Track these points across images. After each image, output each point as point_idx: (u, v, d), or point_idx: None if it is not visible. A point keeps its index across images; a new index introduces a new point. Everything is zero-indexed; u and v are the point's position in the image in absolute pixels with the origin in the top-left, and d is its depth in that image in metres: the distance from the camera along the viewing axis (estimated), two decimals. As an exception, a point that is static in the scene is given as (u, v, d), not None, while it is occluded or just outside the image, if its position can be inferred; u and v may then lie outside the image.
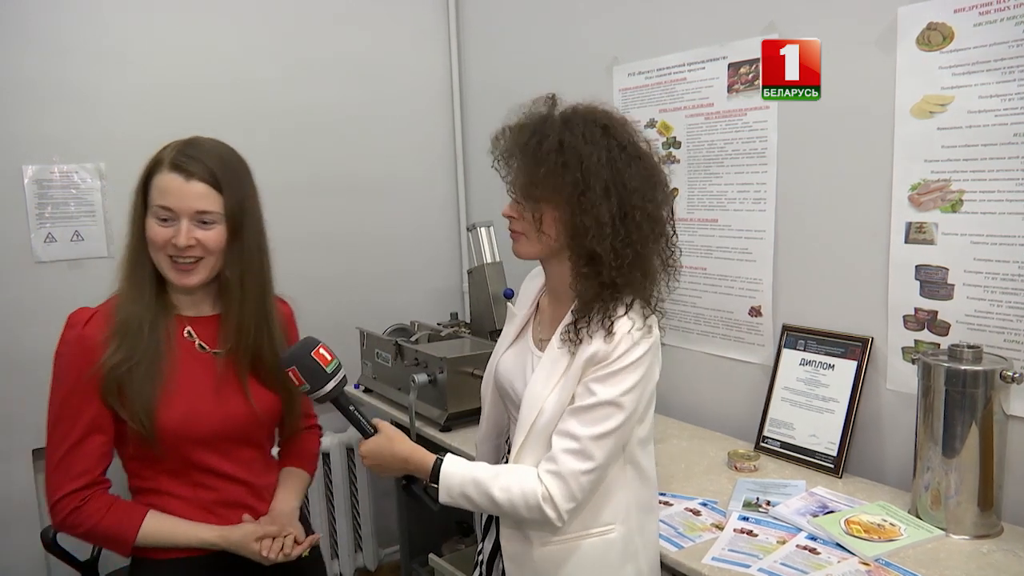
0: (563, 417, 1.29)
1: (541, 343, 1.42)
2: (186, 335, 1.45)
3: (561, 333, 1.33)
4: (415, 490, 1.43)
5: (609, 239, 1.26)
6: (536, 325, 1.47)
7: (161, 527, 1.40)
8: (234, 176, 1.41)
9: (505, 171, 1.35)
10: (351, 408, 1.42)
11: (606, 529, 1.35)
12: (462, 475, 1.31)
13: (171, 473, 1.43)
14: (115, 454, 1.45)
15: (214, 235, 1.39)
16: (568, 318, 1.34)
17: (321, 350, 1.40)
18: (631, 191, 1.28)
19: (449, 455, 1.36)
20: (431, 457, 1.35)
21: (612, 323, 1.28)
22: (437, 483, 1.32)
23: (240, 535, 1.42)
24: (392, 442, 1.38)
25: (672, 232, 1.37)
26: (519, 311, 1.52)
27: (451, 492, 1.31)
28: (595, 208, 1.26)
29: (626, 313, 1.30)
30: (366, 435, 1.41)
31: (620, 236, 1.27)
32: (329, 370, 1.39)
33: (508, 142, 1.33)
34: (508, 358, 1.48)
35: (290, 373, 1.37)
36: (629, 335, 1.28)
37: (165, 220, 1.37)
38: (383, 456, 1.38)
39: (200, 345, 1.46)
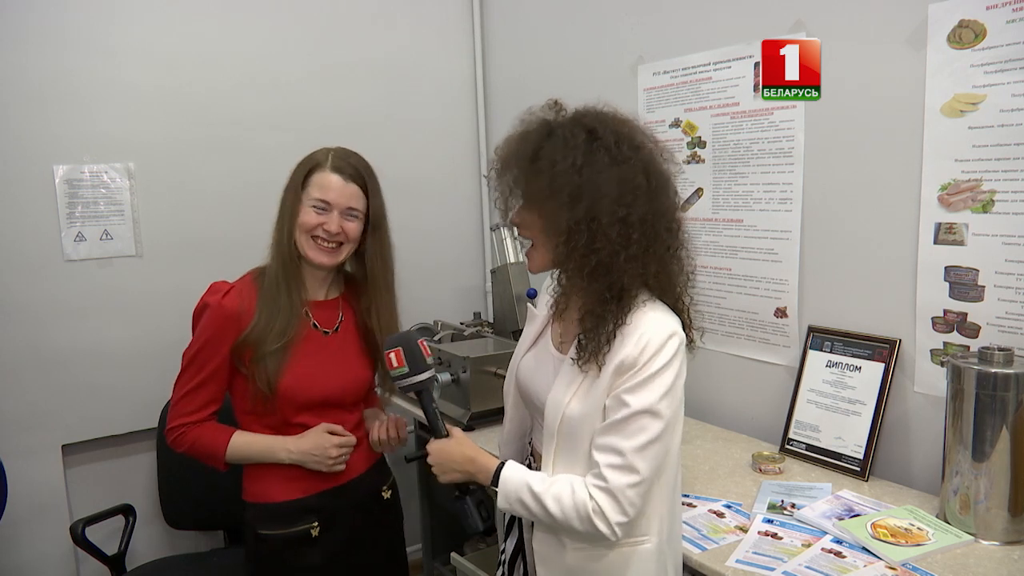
0: (601, 432, 1.27)
1: (562, 345, 1.41)
2: (305, 315, 1.71)
3: (576, 348, 1.30)
4: (469, 503, 1.48)
5: (575, 243, 1.24)
6: (556, 325, 1.47)
7: (244, 443, 1.69)
8: (376, 185, 1.73)
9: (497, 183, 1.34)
10: (433, 405, 1.50)
11: (641, 539, 1.34)
12: (518, 482, 1.32)
13: (273, 428, 1.71)
14: (226, 407, 1.75)
15: (355, 227, 1.69)
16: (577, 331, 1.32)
17: (424, 342, 1.52)
18: (602, 196, 1.23)
19: (511, 461, 1.37)
20: (495, 461, 1.38)
21: (627, 328, 1.26)
22: (497, 486, 1.34)
23: (311, 438, 1.68)
24: (461, 444, 1.43)
25: (677, 229, 1.32)
26: (539, 312, 1.51)
27: (508, 498, 1.32)
28: (558, 214, 1.24)
29: (647, 315, 1.28)
30: (438, 435, 1.46)
31: (582, 242, 1.24)
32: (428, 363, 1.50)
33: (501, 151, 1.33)
34: (528, 361, 1.48)
35: (392, 355, 1.49)
36: (656, 338, 1.25)
37: (322, 210, 1.65)
38: (451, 455, 1.42)
39: (314, 324, 1.73)
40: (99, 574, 2.47)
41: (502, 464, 1.36)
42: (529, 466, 1.49)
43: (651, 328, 1.26)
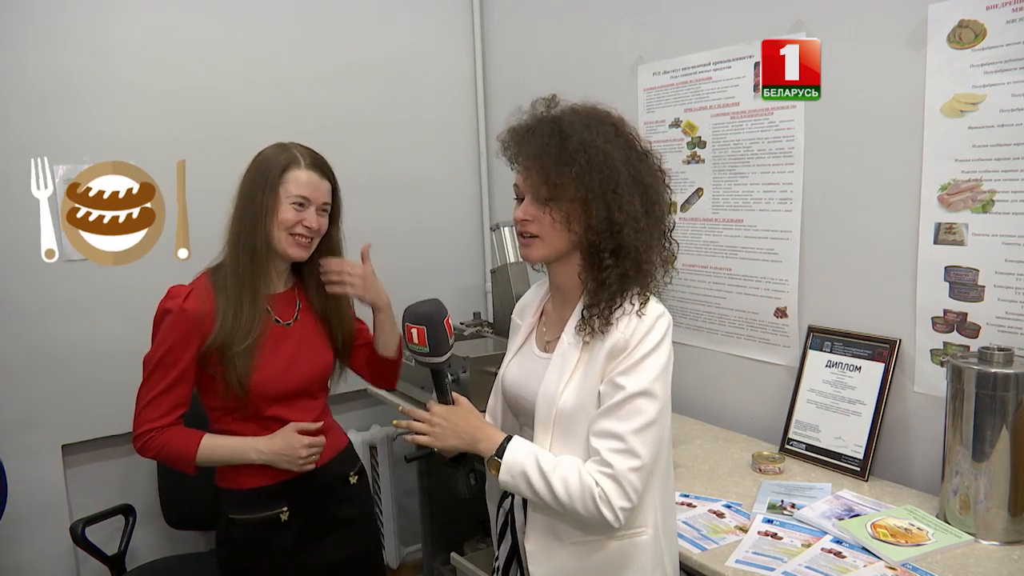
0: (598, 418, 1.27)
1: (548, 344, 1.42)
2: (266, 311, 1.73)
3: (576, 327, 1.33)
4: (461, 472, 1.45)
5: (644, 233, 1.29)
6: (540, 329, 1.47)
7: (214, 446, 1.70)
8: (337, 181, 1.79)
9: (523, 174, 1.34)
10: (446, 380, 1.45)
11: (638, 531, 1.34)
12: (525, 456, 1.29)
13: (245, 419, 1.72)
14: (194, 402, 1.74)
15: (325, 222, 1.77)
16: (578, 312, 1.34)
17: (448, 320, 1.42)
18: (647, 186, 1.32)
19: (518, 436, 1.35)
20: (501, 434, 1.35)
21: (635, 309, 1.30)
22: (500, 458, 1.31)
23: (280, 439, 1.71)
24: (469, 412, 1.41)
25: (673, 223, 1.39)
26: (524, 321, 1.51)
27: (512, 471, 1.29)
28: (629, 204, 1.28)
29: (640, 303, 1.31)
30: (444, 404, 1.43)
31: (650, 229, 1.31)
32: (451, 343, 1.43)
33: (525, 145, 1.33)
34: (513, 368, 1.48)
35: (415, 331, 1.40)
36: (645, 320, 1.29)
37: (300, 206, 1.69)
38: (456, 420, 1.38)
39: (276, 319, 1.75)
40: (99, 574, 2.47)
41: (510, 436, 1.34)
42: None
43: (641, 309, 1.30)
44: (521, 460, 1.29)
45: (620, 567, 1.34)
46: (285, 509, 1.74)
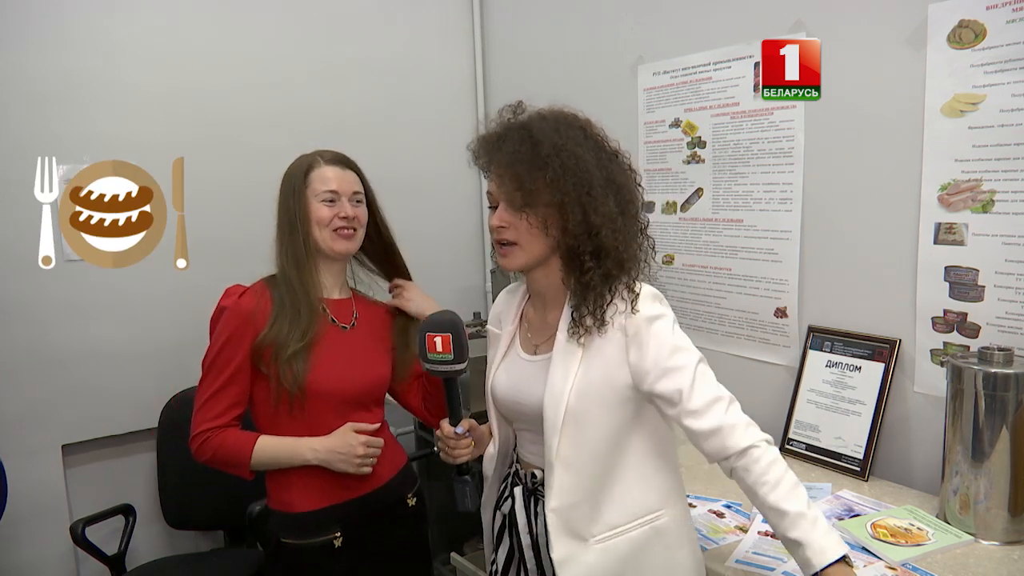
0: (687, 404, 1.28)
1: (537, 348, 1.42)
2: (323, 311, 1.71)
3: (569, 328, 1.33)
4: (469, 484, 1.45)
5: (621, 232, 1.31)
6: (524, 334, 1.47)
7: (269, 445, 1.65)
8: (361, 170, 1.81)
9: (496, 182, 1.36)
10: (458, 392, 1.46)
11: (654, 516, 1.36)
12: (816, 534, 1.20)
13: (298, 435, 1.67)
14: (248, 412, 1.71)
15: (363, 211, 1.77)
16: (567, 313, 1.34)
17: (464, 328, 1.44)
18: (621, 186, 1.34)
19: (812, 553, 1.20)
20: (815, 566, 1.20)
21: (628, 305, 1.32)
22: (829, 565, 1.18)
23: (337, 436, 1.66)
24: None
25: (647, 220, 1.42)
26: (502, 329, 1.51)
27: (838, 540, 1.22)
28: (604, 205, 1.30)
29: (630, 298, 1.32)
30: (456, 420, 1.45)
31: (627, 228, 1.33)
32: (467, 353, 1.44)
33: (496, 152, 1.34)
34: (501, 377, 1.47)
35: (438, 339, 1.42)
36: (644, 310, 1.31)
37: (331, 202, 1.70)
38: None
39: (332, 320, 1.73)
40: (99, 574, 2.47)
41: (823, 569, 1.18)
42: (516, 474, 1.48)
43: (640, 297, 1.33)
44: (823, 535, 1.21)
45: (648, 552, 1.36)
46: (338, 535, 1.68)
